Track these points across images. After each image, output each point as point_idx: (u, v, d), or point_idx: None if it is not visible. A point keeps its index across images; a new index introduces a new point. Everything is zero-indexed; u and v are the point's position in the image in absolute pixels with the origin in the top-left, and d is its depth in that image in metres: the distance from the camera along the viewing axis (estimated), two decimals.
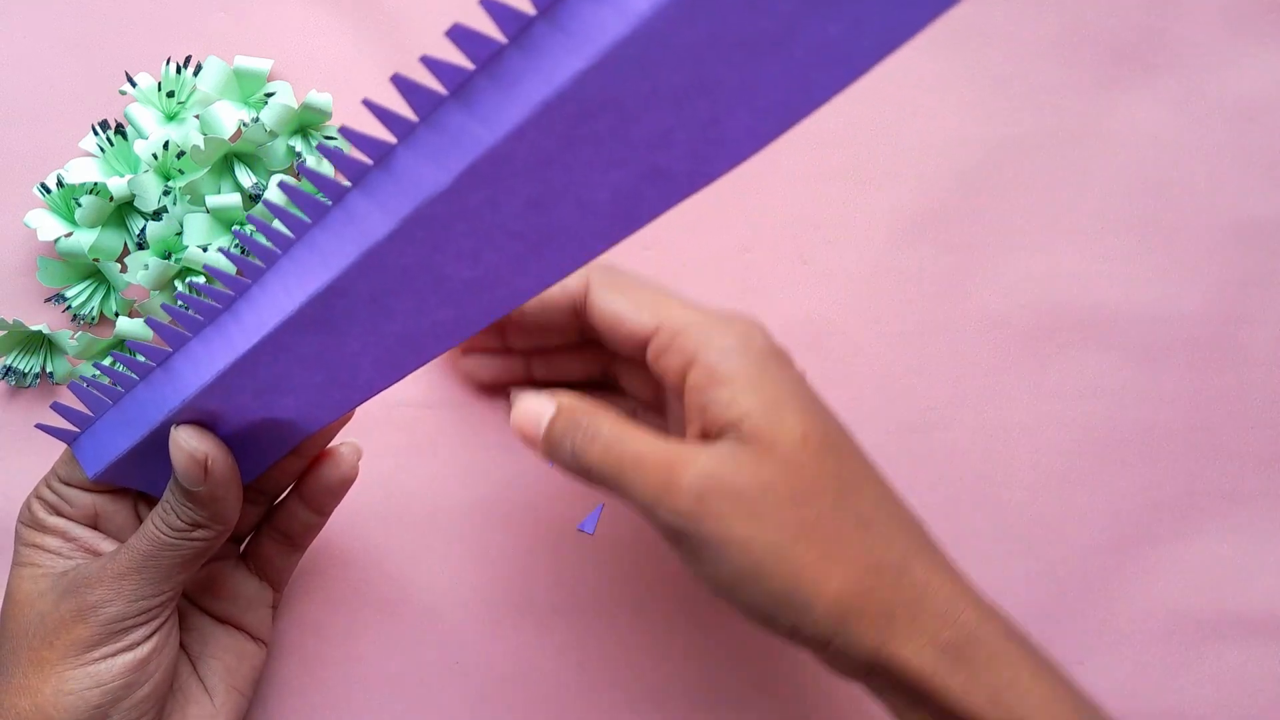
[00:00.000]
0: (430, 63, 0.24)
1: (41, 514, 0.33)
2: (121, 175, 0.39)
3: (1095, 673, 0.40)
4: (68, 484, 0.34)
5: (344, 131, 0.26)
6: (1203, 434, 0.40)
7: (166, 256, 0.38)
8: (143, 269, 0.38)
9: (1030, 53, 0.40)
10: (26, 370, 0.39)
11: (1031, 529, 0.40)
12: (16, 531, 0.34)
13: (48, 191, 0.39)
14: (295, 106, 0.39)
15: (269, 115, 0.38)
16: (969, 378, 0.40)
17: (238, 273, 0.34)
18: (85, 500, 0.34)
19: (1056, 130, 0.40)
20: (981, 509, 0.40)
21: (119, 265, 0.39)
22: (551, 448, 0.31)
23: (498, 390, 0.40)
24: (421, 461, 0.40)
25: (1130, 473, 0.40)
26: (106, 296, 0.40)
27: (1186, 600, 0.40)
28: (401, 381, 0.40)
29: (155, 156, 0.38)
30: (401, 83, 0.25)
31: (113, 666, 0.31)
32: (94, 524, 0.34)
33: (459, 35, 0.24)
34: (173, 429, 0.31)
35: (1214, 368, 0.40)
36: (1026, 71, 0.40)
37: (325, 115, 0.39)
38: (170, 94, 0.39)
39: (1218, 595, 0.40)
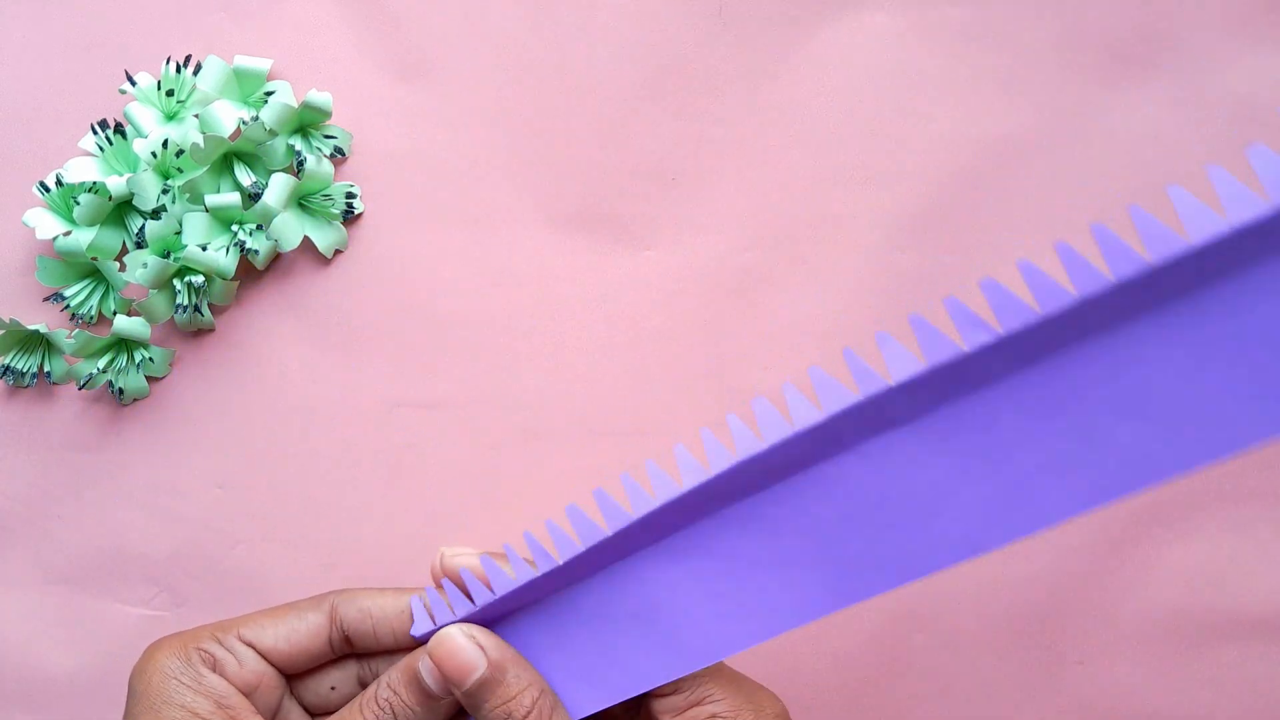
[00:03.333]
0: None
1: (201, 668, 0.30)
2: (120, 174, 0.39)
3: (1095, 673, 0.40)
4: (249, 644, 0.32)
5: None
6: None
7: (165, 255, 0.38)
8: (141, 268, 0.38)
9: (1030, 53, 0.40)
10: (24, 369, 0.39)
11: None
12: (145, 678, 0.30)
13: (46, 190, 0.38)
14: (295, 106, 0.39)
15: (269, 114, 0.38)
16: None
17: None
18: (257, 669, 0.31)
19: (1056, 130, 0.40)
20: None
21: (117, 264, 0.39)
22: (476, 709, 0.30)
23: None
24: (421, 461, 0.40)
25: None
26: (105, 295, 0.40)
27: (1186, 600, 0.40)
28: (401, 381, 0.40)
29: (154, 155, 0.38)
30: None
31: None
32: (249, 695, 0.31)
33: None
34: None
35: None
36: (1026, 71, 0.40)
37: (325, 115, 0.39)
38: (170, 93, 0.39)
39: (1218, 595, 0.40)
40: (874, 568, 0.28)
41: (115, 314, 0.39)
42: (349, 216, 0.40)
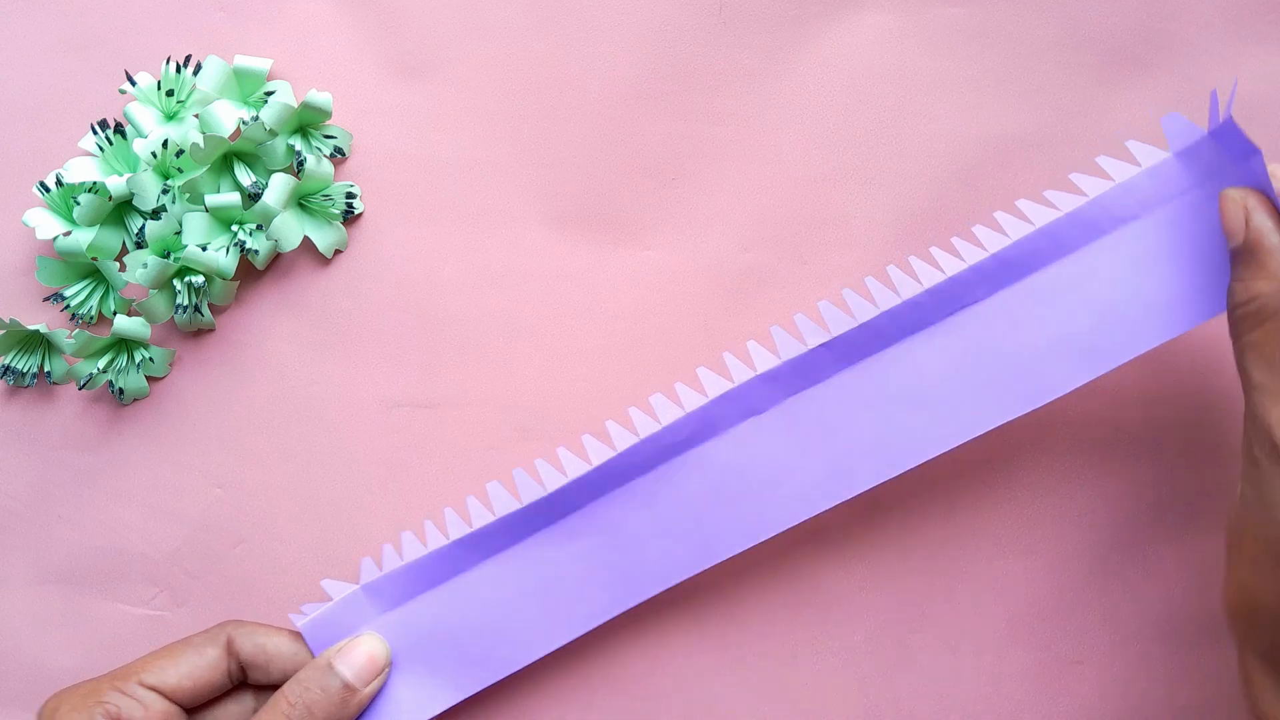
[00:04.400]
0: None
1: None
2: (120, 174, 0.39)
3: (1095, 673, 0.40)
4: (151, 688, 0.33)
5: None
6: (1203, 434, 0.40)
7: (165, 255, 0.38)
8: (141, 268, 0.38)
9: (1030, 53, 0.40)
10: (24, 369, 0.39)
11: (1031, 529, 0.40)
12: None
13: (46, 190, 0.39)
14: (295, 105, 0.39)
15: (268, 114, 0.38)
16: None
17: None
18: (161, 709, 0.33)
19: (1056, 130, 0.40)
20: (982, 509, 0.40)
21: (117, 264, 0.39)
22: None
23: None
24: (421, 461, 0.40)
25: (1130, 473, 0.40)
26: (105, 296, 0.40)
27: (1186, 600, 0.40)
28: (401, 381, 0.40)
29: (154, 155, 0.38)
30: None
31: None
32: None
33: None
34: (368, 634, 0.35)
35: (1214, 368, 0.40)
36: (1026, 71, 0.40)
37: (325, 114, 0.39)
38: (170, 93, 0.39)
39: (1218, 595, 0.40)
40: (735, 530, 0.35)
41: (115, 314, 0.39)
42: (349, 216, 0.40)
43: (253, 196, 0.39)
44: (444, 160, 0.40)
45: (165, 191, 0.38)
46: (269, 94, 0.39)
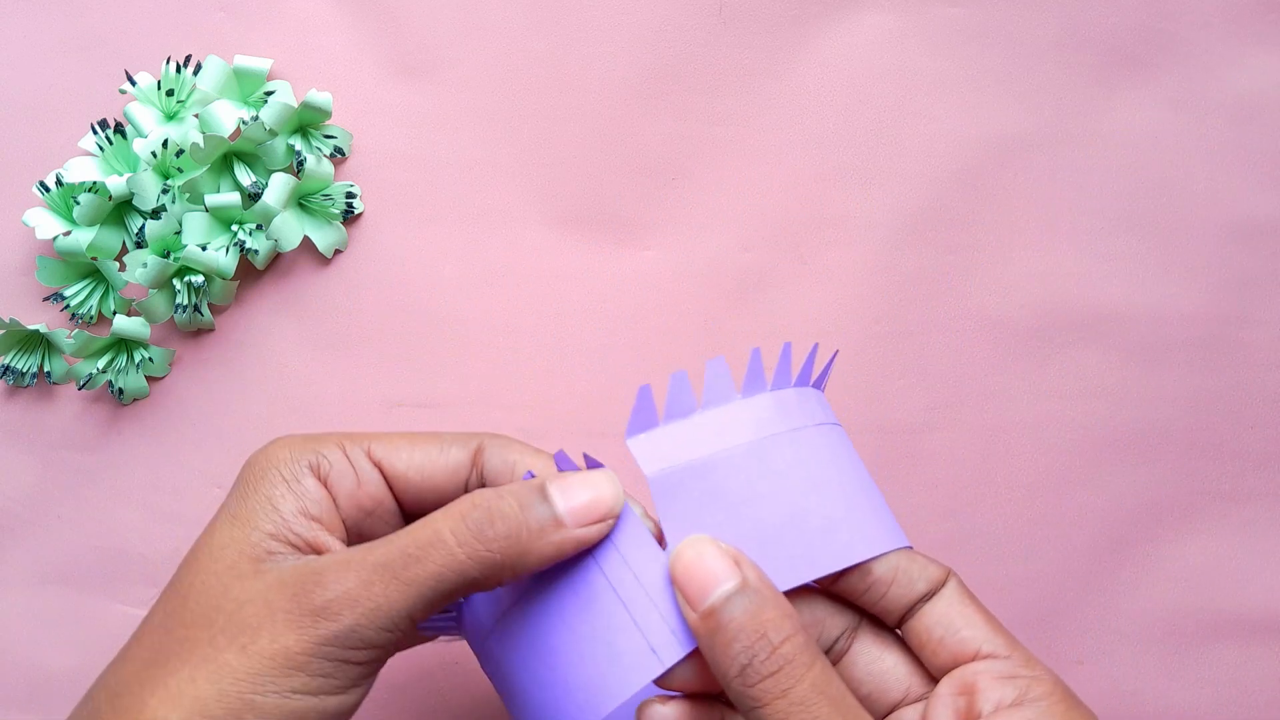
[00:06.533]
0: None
1: (303, 470, 0.28)
2: (120, 174, 0.39)
3: (1095, 673, 0.40)
4: (377, 463, 0.28)
5: None
6: (1203, 434, 0.40)
7: (165, 255, 0.38)
8: (141, 267, 0.38)
9: (1030, 53, 0.40)
10: (24, 369, 0.39)
11: (1031, 529, 0.40)
12: (251, 464, 0.28)
13: (46, 190, 0.38)
14: (295, 105, 0.39)
15: (268, 114, 0.38)
16: (969, 378, 0.40)
17: None
18: (375, 494, 0.28)
19: (1056, 130, 0.40)
20: (981, 509, 0.40)
21: (117, 264, 0.39)
22: (716, 630, 0.25)
23: None
24: None
25: (1130, 473, 0.40)
26: (105, 295, 0.40)
27: (1186, 600, 0.40)
28: (401, 381, 0.40)
29: (154, 155, 0.38)
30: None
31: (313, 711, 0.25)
32: (357, 531, 0.28)
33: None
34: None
35: (1214, 368, 0.40)
36: (1026, 71, 0.40)
37: (325, 114, 0.39)
38: (170, 93, 0.39)
39: (1218, 595, 0.40)
40: None
41: (115, 314, 0.39)
42: (349, 216, 0.40)
43: (253, 196, 0.39)
44: (444, 160, 0.40)
45: (165, 191, 0.38)
46: (269, 94, 0.39)
